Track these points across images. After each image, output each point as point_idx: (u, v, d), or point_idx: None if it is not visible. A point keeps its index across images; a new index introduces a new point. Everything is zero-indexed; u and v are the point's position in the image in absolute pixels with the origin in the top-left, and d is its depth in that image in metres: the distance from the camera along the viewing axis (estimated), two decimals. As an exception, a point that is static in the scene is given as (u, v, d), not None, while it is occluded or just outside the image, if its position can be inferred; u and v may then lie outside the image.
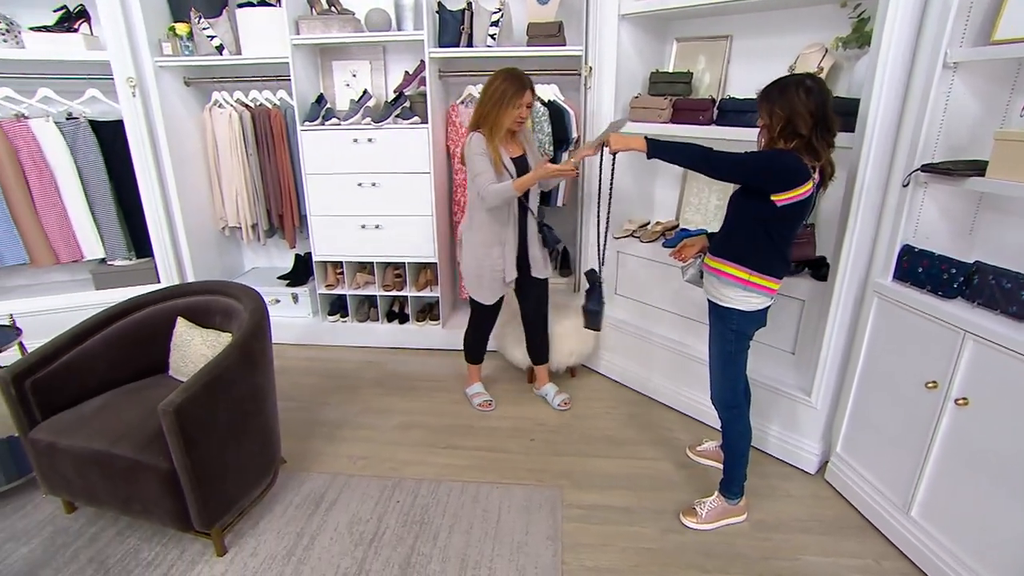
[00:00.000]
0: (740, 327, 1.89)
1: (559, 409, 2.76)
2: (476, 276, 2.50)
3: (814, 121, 1.64)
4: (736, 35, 2.61)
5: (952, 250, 1.83)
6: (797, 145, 1.68)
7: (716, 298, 1.91)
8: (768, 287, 1.84)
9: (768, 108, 1.71)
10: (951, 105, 1.78)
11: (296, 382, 3.07)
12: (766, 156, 1.74)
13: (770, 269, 1.82)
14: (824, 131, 1.67)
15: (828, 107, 1.66)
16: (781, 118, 1.68)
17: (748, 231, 1.81)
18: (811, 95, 1.64)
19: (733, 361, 1.94)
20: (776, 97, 1.69)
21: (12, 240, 3.13)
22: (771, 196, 1.69)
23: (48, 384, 1.96)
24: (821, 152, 1.69)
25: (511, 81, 2.28)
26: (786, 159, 1.68)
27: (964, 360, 1.67)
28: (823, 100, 1.66)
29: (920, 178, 1.83)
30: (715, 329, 1.96)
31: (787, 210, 1.70)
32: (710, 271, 1.93)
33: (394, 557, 1.91)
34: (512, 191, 2.28)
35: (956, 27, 1.69)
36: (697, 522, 2.04)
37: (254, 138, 3.29)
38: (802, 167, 1.67)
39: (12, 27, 2.99)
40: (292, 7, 2.94)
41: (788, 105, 1.66)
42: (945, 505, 1.78)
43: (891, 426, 1.97)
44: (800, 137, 1.67)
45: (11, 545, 1.95)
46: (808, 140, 1.67)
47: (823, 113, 1.65)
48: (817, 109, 1.64)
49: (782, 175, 1.68)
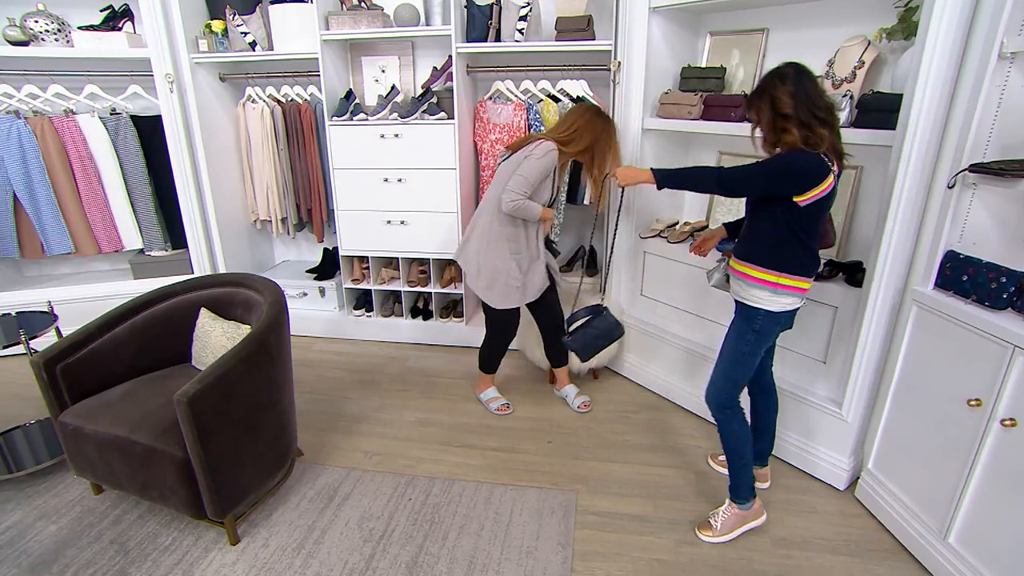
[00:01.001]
0: (763, 327, 1.82)
1: (579, 411, 2.71)
2: (490, 279, 2.43)
3: (795, 101, 1.61)
4: (773, 28, 2.49)
5: (1004, 258, 1.68)
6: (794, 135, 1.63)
7: (744, 299, 1.83)
8: (800, 287, 1.76)
9: (754, 109, 1.72)
10: (1006, 99, 1.63)
11: (319, 375, 3.12)
12: (783, 161, 1.67)
13: (800, 269, 1.75)
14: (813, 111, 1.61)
15: (809, 86, 1.63)
16: (767, 111, 1.67)
17: (773, 232, 1.73)
18: (786, 79, 1.63)
19: (743, 362, 1.87)
20: (756, 96, 1.70)
21: (59, 230, 3.28)
22: (794, 198, 1.63)
23: (78, 370, 2.04)
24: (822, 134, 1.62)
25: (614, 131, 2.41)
26: (802, 159, 1.62)
27: (1013, 377, 1.54)
28: (801, 81, 1.62)
29: (968, 179, 1.69)
30: (735, 325, 1.89)
31: (811, 208, 1.65)
32: (737, 275, 1.85)
33: (402, 555, 1.90)
34: (537, 216, 2.34)
35: (1015, 13, 1.55)
36: (714, 535, 1.95)
37: (285, 133, 3.35)
38: (820, 163, 1.61)
39: (63, 27, 3.12)
40: (323, 3, 2.97)
41: (767, 96, 1.66)
42: (986, 533, 1.65)
43: (928, 444, 1.84)
44: (789, 119, 1.62)
45: (42, 523, 2.04)
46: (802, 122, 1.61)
47: (806, 93, 1.61)
48: (797, 90, 1.61)
49: (802, 176, 1.63)
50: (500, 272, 2.41)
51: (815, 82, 1.65)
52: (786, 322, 1.85)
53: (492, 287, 2.44)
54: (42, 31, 3.01)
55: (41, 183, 3.15)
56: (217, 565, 1.87)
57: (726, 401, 1.90)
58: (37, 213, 3.20)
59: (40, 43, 3.04)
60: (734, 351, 1.88)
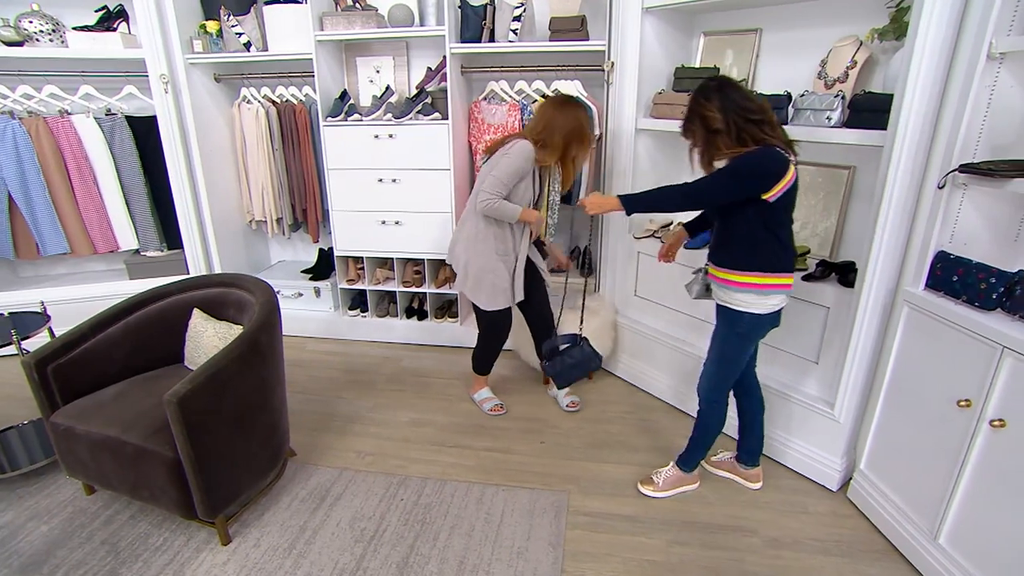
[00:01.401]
0: (749, 331, 1.84)
1: (567, 410, 2.71)
2: (477, 280, 2.42)
3: (724, 115, 1.65)
4: (766, 28, 2.49)
5: (995, 258, 1.69)
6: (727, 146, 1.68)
7: (729, 303, 1.84)
8: (785, 284, 1.79)
9: (690, 133, 1.76)
10: (996, 100, 1.63)
11: (313, 375, 3.12)
12: (744, 162, 1.69)
13: (782, 265, 1.77)
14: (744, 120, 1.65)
15: (735, 95, 1.67)
16: (700, 131, 1.72)
17: (747, 234, 1.76)
18: (711, 96, 1.68)
19: (731, 363, 1.92)
20: (688, 119, 1.75)
21: (55, 231, 3.29)
22: (762, 196, 1.67)
23: (70, 370, 2.03)
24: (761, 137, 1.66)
25: (588, 124, 2.34)
26: (757, 156, 1.67)
27: (1001, 378, 1.54)
28: (725, 94, 1.67)
29: (958, 179, 1.69)
30: (720, 330, 1.91)
31: (780, 201, 1.70)
32: (720, 283, 1.86)
33: (393, 556, 1.90)
34: (515, 217, 2.31)
35: (1004, 14, 1.55)
36: (654, 490, 2.13)
37: (280, 133, 3.35)
38: (779, 156, 1.66)
39: (58, 27, 3.12)
40: (317, 4, 2.97)
41: (697, 117, 1.71)
42: (976, 533, 1.65)
43: (919, 445, 1.84)
44: (720, 133, 1.67)
45: (33, 523, 2.04)
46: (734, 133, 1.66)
47: (734, 103, 1.66)
48: (723, 103, 1.66)
49: (762, 173, 1.66)
50: (486, 272, 2.40)
51: (740, 89, 1.70)
52: (774, 321, 1.86)
53: (479, 288, 2.43)
54: (36, 32, 3.01)
55: (36, 183, 3.15)
56: (208, 565, 1.87)
57: (714, 395, 1.98)
58: (32, 214, 3.21)
59: (35, 44, 3.04)
60: (721, 355, 1.90)
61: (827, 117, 2.06)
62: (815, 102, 2.10)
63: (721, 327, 1.91)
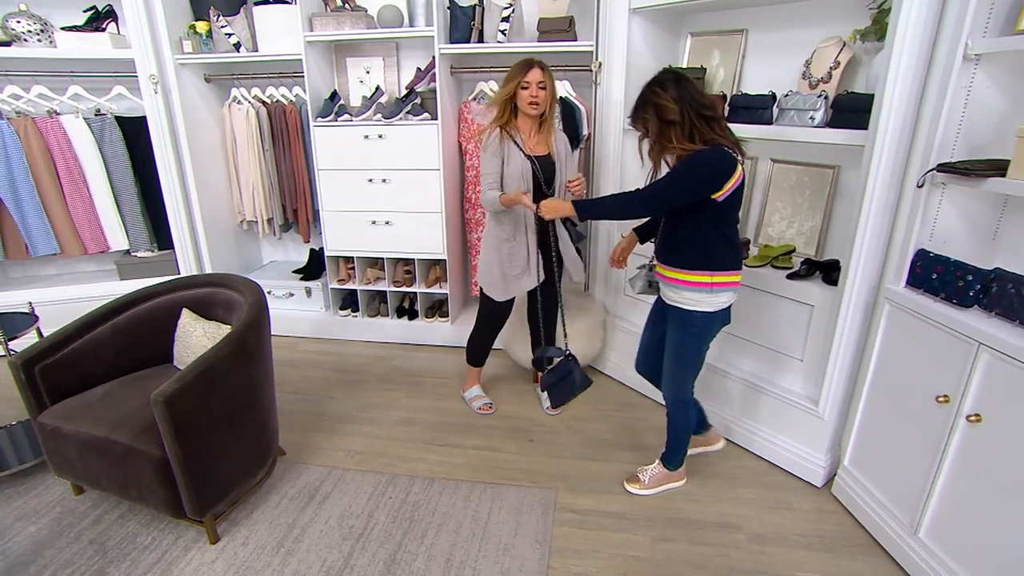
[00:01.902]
0: (702, 329, 1.87)
1: (547, 412, 2.71)
2: (488, 270, 2.44)
3: (680, 106, 1.65)
4: (752, 29, 2.51)
5: (974, 256, 1.71)
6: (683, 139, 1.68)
7: (679, 303, 1.86)
8: (733, 281, 1.83)
9: (640, 121, 1.75)
10: (972, 101, 1.66)
11: (304, 375, 3.12)
12: (689, 165, 1.70)
13: (731, 263, 1.81)
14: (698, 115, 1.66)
15: (691, 88, 1.68)
16: (651, 120, 1.71)
17: (696, 233, 1.78)
18: (667, 86, 1.68)
19: (689, 363, 1.95)
20: (640, 106, 1.74)
21: (44, 231, 3.28)
22: (711, 195, 1.70)
23: (58, 370, 2.04)
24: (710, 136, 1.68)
25: (521, 62, 2.23)
26: (706, 157, 1.68)
27: (977, 374, 1.56)
28: (681, 85, 1.68)
29: (937, 178, 1.72)
30: (674, 332, 1.93)
31: (729, 200, 1.72)
32: (668, 282, 1.87)
33: (380, 553, 1.91)
34: (496, 205, 2.25)
35: (978, 16, 1.58)
36: (640, 488, 2.15)
37: (270, 134, 3.35)
38: (727, 155, 1.68)
39: (46, 27, 3.11)
40: (306, 4, 2.98)
41: (651, 106, 1.70)
42: (954, 527, 1.67)
43: (900, 441, 1.86)
44: (674, 124, 1.67)
45: (21, 523, 2.04)
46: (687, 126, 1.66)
47: (689, 96, 1.66)
48: (679, 94, 1.66)
49: (713, 174, 1.68)
50: (493, 264, 2.42)
51: (694, 84, 1.72)
52: (724, 319, 1.90)
53: (481, 277, 2.47)
54: (24, 32, 3.01)
55: (25, 184, 3.15)
56: (196, 564, 1.87)
57: (680, 396, 2.00)
58: (21, 214, 3.20)
59: (23, 44, 3.03)
60: (677, 358, 1.93)
61: (810, 117, 2.08)
62: (799, 102, 2.12)
63: (674, 329, 1.91)
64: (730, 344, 2.48)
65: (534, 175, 2.27)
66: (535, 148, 2.32)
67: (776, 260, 2.33)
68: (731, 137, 1.73)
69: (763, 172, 2.56)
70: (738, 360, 2.46)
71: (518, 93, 2.22)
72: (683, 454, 2.14)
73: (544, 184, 2.30)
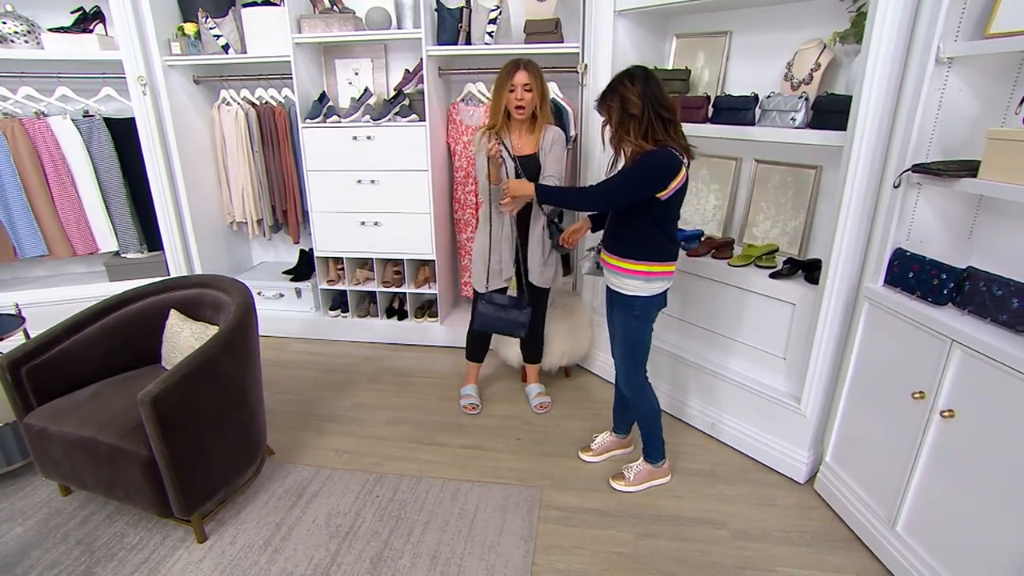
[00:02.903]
0: (643, 312, 2.00)
1: (535, 412, 2.74)
2: (475, 262, 2.53)
3: (643, 103, 1.74)
4: (736, 31, 2.54)
5: (949, 255, 1.74)
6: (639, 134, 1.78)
7: (620, 288, 1.99)
8: (668, 271, 1.96)
9: (605, 106, 1.84)
10: (946, 103, 1.69)
11: (294, 375, 3.13)
12: (643, 165, 1.81)
13: (667, 255, 1.94)
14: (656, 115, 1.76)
15: (656, 87, 1.77)
16: (615, 109, 1.80)
17: (639, 227, 1.91)
18: (635, 80, 1.77)
19: (636, 344, 2.05)
20: (608, 94, 1.83)
21: (32, 233, 3.27)
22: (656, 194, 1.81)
23: (44, 372, 2.04)
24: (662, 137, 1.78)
25: (507, 66, 2.26)
26: (656, 158, 1.78)
27: (951, 370, 1.60)
28: (648, 84, 1.76)
29: (912, 179, 1.75)
30: (619, 317, 2.05)
31: (671, 200, 1.84)
32: (611, 268, 2.00)
33: (367, 551, 1.93)
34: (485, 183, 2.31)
35: (950, 20, 1.61)
36: (626, 485, 2.19)
37: (260, 135, 3.36)
38: (673, 157, 1.78)
39: (33, 29, 3.11)
40: (294, 6, 2.99)
41: (617, 96, 1.78)
42: (929, 521, 1.70)
43: (879, 437, 1.89)
44: (635, 118, 1.77)
45: (7, 525, 2.04)
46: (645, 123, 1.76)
47: (653, 95, 1.75)
48: (644, 91, 1.75)
49: (660, 175, 1.79)
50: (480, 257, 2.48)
51: (660, 84, 1.80)
52: (661, 303, 2.03)
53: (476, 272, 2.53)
54: (11, 33, 3.00)
55: (12, 185, 3.14)
56: (184, 563, 1.88)
57: (634, 379, 2.10)
58: (8, 215, 3.19)
59: (9, 45, 3.02)
60: (626, 340, 2.05)
61: (792, 118, 2.12)
62: (780, 103, 2.15)
63: (619, 315, 2.05)
64: (714, 342, 2.51)
65: (517, 174, 2.30)
66: (522, 147, 2.35)
67: (760, 259, 2.36)
68: (682, 141, 1.84)
69: (747, 172, 2.59)
70: (722, 358, 2.49)
71: (507, 97, 2.25)
72: (661, 444, 2.19)
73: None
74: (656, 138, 1.78)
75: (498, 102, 2.28)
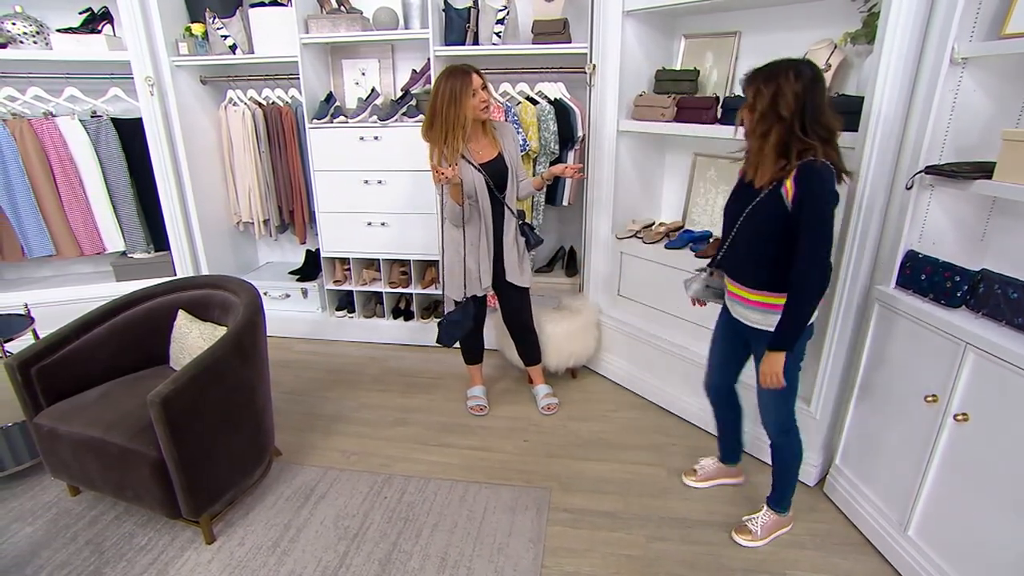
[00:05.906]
0: (798, 350, 1.72)
1: (543, 413, 2.73)
2: (448, 272, 2.50)
3: (798, 106, 1.49)
4: (745, 31, 2.53)
5: (962, 257, 1.73)
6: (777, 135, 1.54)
7: (766, 326, 1.70)
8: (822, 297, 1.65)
9: (754, 88, 1.56)
10: (960, 103, 1.68)
11: (300, 376, 3.13)
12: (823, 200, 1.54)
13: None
14: (812, 121, 1.50)
15: (818, 95, 1.51)
16: (765, 97, 1.52)
17: (787, 251, 1.60)
18: (800, 78, 1.49)
19: (789, 386, 1.74)
20: (764, 76, 1.55)
21: (40, 233, 3.28)
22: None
23: (53, 372, 2.05)
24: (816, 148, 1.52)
25: (454, 76, 2.13)
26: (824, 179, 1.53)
27: (964, 373, 1.58)
28: (813, 86, 1.50)
29: (925, 180, 1.74)
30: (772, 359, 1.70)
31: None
32: (753, 305, 1.73)
33: (376, 553, 1.93)
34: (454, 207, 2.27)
35: (965, 20, 1.60)
36: (752, 540, 1.95)
37: (266, 135, 3.36)
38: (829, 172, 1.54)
39: (42, 29, 3.12)
40: (302, 6, 2.99)
41: (774, 84, 1.51)
42: (942, 525, 1.69)
43: (891, 440, 1.88)
44: (781, 121, 1.51)
45: (17, 525, 2.05)
46: (789, 127, 1.51)
47: (811, 99, 1.50)
48: (804, 92, 1.49)
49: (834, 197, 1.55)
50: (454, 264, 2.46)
51: (825, 94, 1.55)
52: (810, 333, 1.75)
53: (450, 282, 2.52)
54: (20, 33, 3.01)
55: (20, 185, 3.15)
56: (192, 564, 1.88)
57: (786, 424, 1.85)
58: (16, 215, 3.20)
59: (18, 46, 3.03)
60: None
61: (802, 119, 2.09)
62: (790, 104, 2.13)
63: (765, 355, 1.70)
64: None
65: (487, 185, 2.28)
66: (483, 154, 2.31)
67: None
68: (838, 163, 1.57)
69: (756, 173, 2.57)
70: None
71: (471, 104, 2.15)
72: (791, 494, 1.95)
73: (497, 190, 2.33)
74: (799, 148, 1.53)
75: (460, 114, 2.13)
